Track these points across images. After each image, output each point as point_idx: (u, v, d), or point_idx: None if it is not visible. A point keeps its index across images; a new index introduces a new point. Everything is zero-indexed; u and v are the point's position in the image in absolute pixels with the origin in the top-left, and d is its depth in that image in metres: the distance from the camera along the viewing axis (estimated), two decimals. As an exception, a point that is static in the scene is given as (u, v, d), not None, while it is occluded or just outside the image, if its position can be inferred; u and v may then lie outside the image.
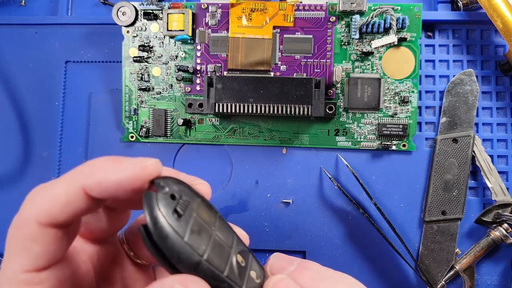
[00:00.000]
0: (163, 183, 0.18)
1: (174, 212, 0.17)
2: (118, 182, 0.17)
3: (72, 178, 0.18)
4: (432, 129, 0.38)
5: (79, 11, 0.42)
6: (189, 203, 0.18)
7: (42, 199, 0.18)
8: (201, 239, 0.17)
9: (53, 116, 0.41)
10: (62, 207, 0.17)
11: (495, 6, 0.35)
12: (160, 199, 0.17)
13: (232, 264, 0.18)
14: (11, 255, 0.18)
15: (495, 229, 0.36)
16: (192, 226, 0.17)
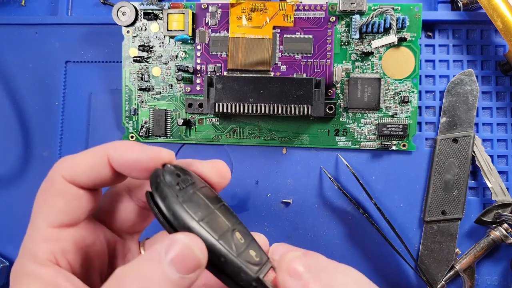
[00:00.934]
0: (172, 166, 0.21)
1: (176, 184, 0.20)
2: (137, 159, 0.20)
3: (99, 148, 0.21)
4: (432, 129, 0.38)
5: (79, 11, 0.42)
6: (193, 183, 0.21)
7: (69, 160, 0.20)
8: (200, 209, 0.19)
9: (53, 116, 0.41)
10: (86, 168, 0.20)
11: (495, 6, 0.35)
12: (166, 173, 0.20)
13: (228, 236, 0.19)
14: (37, 212, 0.20)
15: (495, 229, 0.36)
16: (191, 197, 0.20)
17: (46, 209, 0.20)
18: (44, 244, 0.19)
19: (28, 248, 0.19)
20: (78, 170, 0.20)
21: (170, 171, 0.20)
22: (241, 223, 0.21)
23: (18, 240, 0.40)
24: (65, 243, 0.20)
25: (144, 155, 0.20)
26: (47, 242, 0.19)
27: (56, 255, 0.19)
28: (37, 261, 0.19)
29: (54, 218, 0.20)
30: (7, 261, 0.40)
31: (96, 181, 0.20)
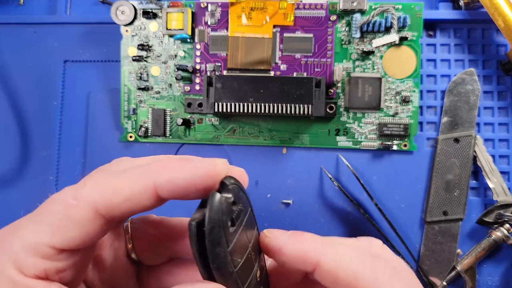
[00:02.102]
0: (231, 186, 0.18)
1: (230, 221, 0.17)
2: (191, 180, 0.17)
3: (144, 173, 0.17)
4: (434, 129, 0.38)
5: (77, 10, 0.41)
6: (243, 213, 0.19)
7: (107, 184, 0.17)
8: (240, 252, 0.18)
9: (51, 115, 0.41)
10: (126, 200, 0.17)
11: (496, 5, 0.35)
12: (225, 205, 0.17)
13: (252, 280, 0.19)
14: (43, 224, 0.17)
15: (497, 229, 0.36)
16: (237, 238, 0.18)
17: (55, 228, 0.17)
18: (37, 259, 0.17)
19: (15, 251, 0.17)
20: (116, 202, 0.17)
21: (229, 200, 0.17)
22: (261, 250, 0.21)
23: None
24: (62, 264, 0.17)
25: (199, 173, 0.17)
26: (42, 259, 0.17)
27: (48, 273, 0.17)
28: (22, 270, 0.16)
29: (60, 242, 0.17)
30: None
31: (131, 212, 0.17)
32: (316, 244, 0.19)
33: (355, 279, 0.18)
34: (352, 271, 0.18)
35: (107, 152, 0.40)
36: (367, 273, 0.18)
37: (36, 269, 0.17)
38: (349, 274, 0.18)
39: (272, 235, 0.20)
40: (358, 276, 0.18)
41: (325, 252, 0.19)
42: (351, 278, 0.18)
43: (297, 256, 0.19)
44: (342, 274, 0.18)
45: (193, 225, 0.17)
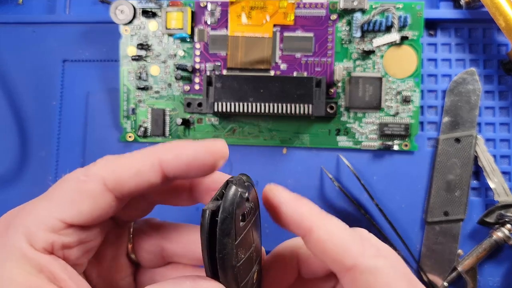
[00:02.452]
0: (246, 183, 0.19)
1: (242, 215, 0.18)
2: (194, 156, 0.18)
3: (150, 151, 0.19)
4: (434, 129, 0.38)
5: (76, 9, 0.41)
6: (252, 212, 0.19)
7: (115, 162, 0.18)
8: (244, 248, 0.18)
9: (50, 115, 0.41)
10: (133, 175, 0.18)
11: (497, 4, 0.34)
12: (239, 198, 0.18)
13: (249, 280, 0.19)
14: (54, 200, 0.18)
15: (498, 230, 0.36)
16: (245, 234, 0.18)
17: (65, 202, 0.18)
18: (46, 233, 0.18)
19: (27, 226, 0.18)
20: (124, 177, 0.18)
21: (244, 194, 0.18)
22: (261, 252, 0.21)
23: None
24: (69, 240, 0.18)
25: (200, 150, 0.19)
26: (51, 232, 0.18)
27: (54, 247, 0.18)
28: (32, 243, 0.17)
29: (70, 216, 0.18)
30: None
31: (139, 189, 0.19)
32: (313, 211, 0.19)
33: (342, 251, 0.18)
34: (341, 243, 0.18)
35: (106, 152, 0.39)
36: (355, 247, 0.18)
37: (45, 243, 0.17)
38: (337, 245, 0.18)
39: (276, 190, 0.20)
40: (346, 248, 0.18)
41: (318, 221, 0.19)
42: (339, 249, 0.18)
43: (292, 217, 0.19)
44: (331, 245, 0.18)
45: (208, 212, 0.17)
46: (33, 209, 0.18)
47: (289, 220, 0.19)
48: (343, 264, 0.18)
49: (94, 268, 0.21)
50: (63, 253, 0.18)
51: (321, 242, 0.19)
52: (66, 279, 0.18)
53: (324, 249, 0.19)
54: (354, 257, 0.18)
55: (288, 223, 0.20)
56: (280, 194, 0.20)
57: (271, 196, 0.20)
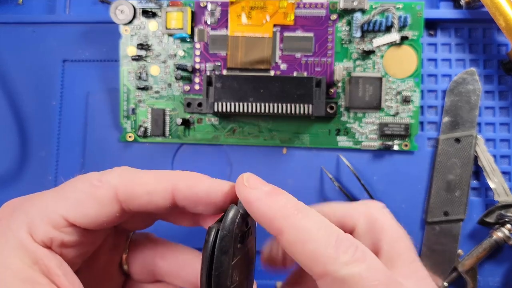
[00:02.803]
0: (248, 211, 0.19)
1: (240, 237, 0.19)
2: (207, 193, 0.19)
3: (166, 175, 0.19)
4: (434, 129, 0.38)
5: (76, 9, 0.41)
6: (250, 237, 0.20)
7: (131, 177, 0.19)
8: (238, 271, 0.19)
9: (50, 115, 0.41)
10: (145, 194, 0.19)
11: (497, 4, 0.34)
12: (240, 219, 0.18)
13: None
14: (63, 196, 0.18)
15: (498, 230, 0.36)
16: (240, 257, 0.19)
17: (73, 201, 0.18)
18: (48, 227, 0.18)
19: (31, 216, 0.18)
20: (136, 193, 0.19)
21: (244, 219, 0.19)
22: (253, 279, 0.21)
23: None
24: (68, 238, 0.18)
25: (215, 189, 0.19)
26: (52, 227, 0.18)
27: (53, 242, 0.18)
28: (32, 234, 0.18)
29: (74, 216, 0.18)
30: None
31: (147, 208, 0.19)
32: (286, 211, 0.18)
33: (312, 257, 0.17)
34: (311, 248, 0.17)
35: (106, 152, 0.40)
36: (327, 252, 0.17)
37: (45, 236, 0.18)
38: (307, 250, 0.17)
39: (250, 184, 0.19)
40: (317, 254, 0.17)
41: (289, 221, 0.18)
42: (309, 255, 0.17)
43: (264, 217, 0.18)
44: (301, 249, 0.17)
45: (214, 230, 0.18)
46: (39, 200, 0.19)
47: (261, 220, 0.18)
48: (313, 271, 0.17)
49: (85, 271, 0.21)
50: (61, 251, 0.18)
51: (291, 245, 0.18)
52: (60, 274, 0.18)
53: (293, 253, 0.18)
54: (325, 264, 0.17)
55: (260, 221, 0.19)
56: (254, 190, 0.19)
57: (242, 192, 0.19)
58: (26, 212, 0.18)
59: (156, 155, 0.39)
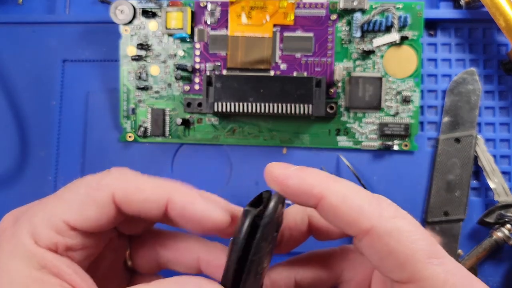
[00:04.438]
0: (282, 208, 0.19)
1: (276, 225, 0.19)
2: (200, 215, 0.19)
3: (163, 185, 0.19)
4: (434, 129, 0.38)
5: (76, 9, 0.41)
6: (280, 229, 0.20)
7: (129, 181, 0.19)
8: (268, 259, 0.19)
9: (50, 115, 0.41)
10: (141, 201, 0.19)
11: (497, 4, 0.34)
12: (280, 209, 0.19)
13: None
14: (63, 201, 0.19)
15: (498, 230, 0.36)
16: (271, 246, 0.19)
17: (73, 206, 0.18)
18: (51, 232, 0.18)
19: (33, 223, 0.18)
20: (132, 198, 0.19)
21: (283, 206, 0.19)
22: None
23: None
24: (73, 242, 0.19)
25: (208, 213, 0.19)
26: (56, 232, 0.18)
27: (58, 247, 0.18)
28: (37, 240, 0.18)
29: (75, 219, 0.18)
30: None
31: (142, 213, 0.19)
32: (322, 178, 0.19)
33: (358, 214, 0.17)
34: (356, 205, 0.18)
35: (106, 152, 0.40)
36: (371, 208, 0.18)
37: (49, 241, 0.18)
38: (352, 208, 0.18)
39: (278, 166, 0.20)
40: (361, 210, 0.17)
41: (329, 186, 0.18)
42: (354, 212, 0.17)
43: (301, 189, 0.19)
44: (345, 209, 0.18)
45: (251, 215, 0.18)
46: (41, 207, 0.19)
47: (298, 192, 0.19)
48: (360, 227, 0.17)
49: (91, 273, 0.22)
50: (67, 254, 0.19)
51: (334, 207, 0.18)
52: (71, 273, 0.18)
53: (338, 214, 0.18)
54: (371, 219, 0.17)
55: (298, 196, 0.19)
56: (284, 170, 0.19)
57: (275, 173, 0.19)
58: (29, 219, 0.18)
59: (156, 155, 0.39)
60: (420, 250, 0.17)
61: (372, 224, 0.17)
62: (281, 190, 0.19)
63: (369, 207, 0.18)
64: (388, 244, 0.17)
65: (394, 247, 0.17)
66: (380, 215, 0.17)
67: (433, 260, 0.17)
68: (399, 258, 0.17)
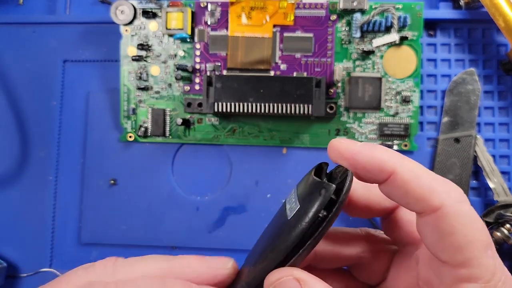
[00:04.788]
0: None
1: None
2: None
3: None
4: (434, 129, 0.38)
5: (77, 9, 0.41)
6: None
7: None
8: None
9: (50, 115, 0.41)
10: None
11: (497, 4, 0.34)
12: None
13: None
14: None
15: (497, 229, 0.36)
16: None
17: None
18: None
19: None
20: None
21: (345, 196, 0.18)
22: None
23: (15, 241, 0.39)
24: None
25: None
26: None
27: None
28: None
29: None
30: (4, 261, 0.39)
31: None
32: (392, 154, 0.19)
33: (429, 191, 0.17)
34: (428, 182, 0.18)
35: (106, 152, 0.40)
36: (442, 188, 0.18)
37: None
38: (424, 185, 0.18)
39: (345, 141, 0.20)
40: (433, 188, 0.17)
41: (400, 161, 0.18)
42: (426, 190, 0.18)
43: (372, 163, 0.18)
44: (417, 185, 0.18)
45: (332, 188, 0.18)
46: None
47: (369, 167, 0.19)
48: (429, 204, 0.17)
49: None
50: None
51: (407, 182, 0.18)
52: None
53: (409, 189, 0.18)
54: (441, 198, 0.17)
55: (368, 171, 0.19)
56: (352, 145, 0.19)
57: (343, 149, 0.19)
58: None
59: (156, 155, 0.39)
60: (481, 239, 0.17)
61: (442, 203, 0.17)
62: (350, 165, 0.19)
63: (440, 186, 0.18)
64: (452, 225, 0.17)
65: (458, 229, 0.17)
66: (449, 196, 0.17)
67: (489, 252, 0.17)
68: (459, 240, 0.17)
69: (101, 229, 0.39)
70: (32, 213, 0.40)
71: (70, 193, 0.40)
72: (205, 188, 0.39)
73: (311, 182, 0.19)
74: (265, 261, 0.18)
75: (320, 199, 0.18)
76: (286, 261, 0.18)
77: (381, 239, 0.24)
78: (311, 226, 0.17)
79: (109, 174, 0.40)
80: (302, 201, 0.18)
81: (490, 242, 0.17)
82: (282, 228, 0.19)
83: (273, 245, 0.19)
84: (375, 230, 0.24)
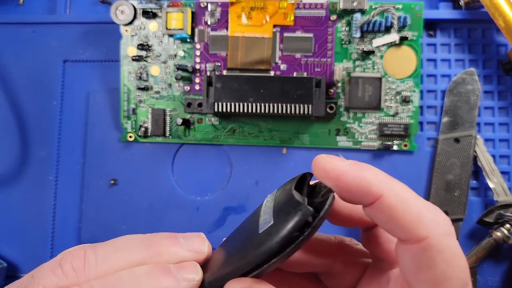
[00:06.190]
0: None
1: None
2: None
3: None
4: (434, 129, 0.38)
5: (77, 9, 0.41)
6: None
7: None
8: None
9: (51, 115, 0.41)
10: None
11: (497, 5, 0.35)
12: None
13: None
14: None
15: (497, 229, 0.36)
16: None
17: None
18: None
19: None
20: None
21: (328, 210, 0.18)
22: None
23: (16, 241, 0.39)
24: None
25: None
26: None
27: None
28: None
29: None
30: (4, 261, 0.39)
31: None
32: (381, 176, 0.18)
33: (416, 220, 0.16)
34: (416, 210, 0.17)
35: (106, 152, 0.40)
36: (430, 217, 0.16)
37: None
38: (412, 213, 0.17)
39: (331, 159, 0.18)
40: (421, 217, 0.16)
41: (388, 185, 0.17)
42: (413, 218, 0.16)
43: (358, 186, 0.17)
44: (403, 213, 0.17)
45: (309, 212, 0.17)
46: None
47: (354, 189, 0.17)
48: (414, 234, 0.16)
49: None
50: None
51: (393, 208, 0.17)
52: None
53: (395, 216, 0.17)
54: (429, 229, 0.16)
55: (352, 193, 0.18)
56: (339, 164, 0.18)
57: (329, 168, 0.18)
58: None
59: (156, 155, 0.39)
60: (460, 277, 0.16)
61: (429, 235, 0.16)
62: (335, 185, 0.18)
63: (428, 215, 0.17)
64: (434, 259, 0.16)
65: (439, 264, 0.16)
66: (436, 227, 0.16)
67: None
68: (437, 276, 0.16)
69: (101, 229, 0.39)
70: (32, 213, 0.40)
71: (70, 193, 0.40)
72: (205, 188, 0.39)
73: (290, 199, 0.18)
74: (230, 267, 0.18)
75: (295, 221, 0.17)
76: (250, 273, 0.17)
77: (355, 250, 0.23)
78: (280, 247, 0.17)
79: (109, 174, 0.40)
80: (276, 217, 0.18)
81: (468, 283, 0.17)
82: (253, 239, 0.18)
83: (240, 254, 0.18)
84: (350, 239, 0.23)
